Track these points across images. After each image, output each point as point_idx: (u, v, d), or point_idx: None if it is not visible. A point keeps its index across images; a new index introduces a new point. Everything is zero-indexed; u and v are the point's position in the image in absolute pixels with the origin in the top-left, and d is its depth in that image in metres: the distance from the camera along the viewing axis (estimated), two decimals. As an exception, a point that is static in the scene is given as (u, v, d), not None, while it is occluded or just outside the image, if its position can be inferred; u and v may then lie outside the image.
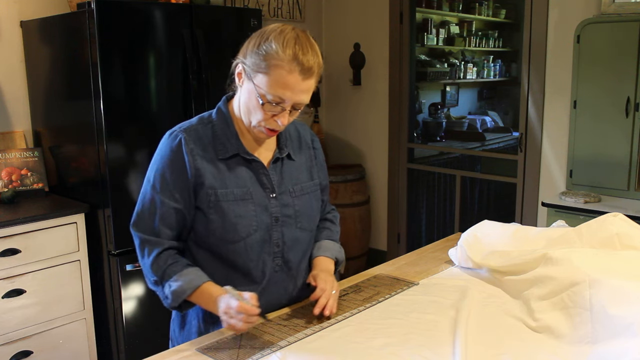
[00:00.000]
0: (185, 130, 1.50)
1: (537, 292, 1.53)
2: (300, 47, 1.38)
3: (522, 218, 3.73)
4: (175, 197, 1.48)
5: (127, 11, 2.70)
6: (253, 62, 1.41)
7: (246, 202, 1.48)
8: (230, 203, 1.47)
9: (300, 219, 1.56)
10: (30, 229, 2.60)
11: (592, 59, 3.15)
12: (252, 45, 1.42)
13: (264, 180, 1.52)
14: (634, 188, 3.09)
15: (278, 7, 4.29)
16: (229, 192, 1.48)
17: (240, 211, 1.47)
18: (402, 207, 4.45)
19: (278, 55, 1.37)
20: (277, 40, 1.38)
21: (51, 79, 3.02)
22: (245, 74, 1.44)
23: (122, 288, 2.79)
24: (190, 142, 1.47)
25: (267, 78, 1.38)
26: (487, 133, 5.52)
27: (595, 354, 1.29)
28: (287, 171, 1.57)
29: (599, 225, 1.70)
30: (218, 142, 1.50)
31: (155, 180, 1.50)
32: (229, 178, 1.49)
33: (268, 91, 1.39)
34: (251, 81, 1.42)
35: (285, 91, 1.38)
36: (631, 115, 3.04)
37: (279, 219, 1.52)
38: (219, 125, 1.52)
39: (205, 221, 1.48)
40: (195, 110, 2.92)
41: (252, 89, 1.42)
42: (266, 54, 1.38)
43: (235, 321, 1.36)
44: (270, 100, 1.40)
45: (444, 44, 5.59)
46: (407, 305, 1.60)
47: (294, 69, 1.37)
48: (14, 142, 3.07)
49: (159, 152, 1.52)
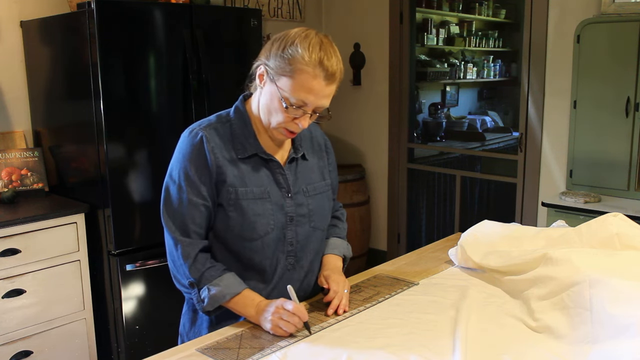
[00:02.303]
0: (205, 128, 1.51)
1: (537, 292, 1.53)
2: (324, 53, 1.40)
3: (522, 218, 3.73)
4: (202, 195, 1.49)
5: (127, 11, 2.70)
6: (277, 65, 1.42)
7: (264, 201, 1.51)
8: (250, 202, 1.49)
9: (314, 218, 1.59)
10: (30, 229, 2.60)
11: (592, 59, 3.15)
12: (276, 48, 1.44)
13: (280, 180, 1.55)
14: (634, 188, 3.09)
15: (278, 7, 4.29)
16: (248, 191, 1.50)
17: (258, 210, 1.50)
18: (402, 207, 4.45)
19: (304, 59, 1.39)
20: (302, 45, 1.40)
21: (51, 79, 3.02)
22: (267, 76, 1.46)
23: (122, 288, 2.79)
24: (211, 140, 1.49)
25: (291, 82, 1.40)
26: (487, 133, 5.51)
27: (595, 354, 1.29)
28: (301, 171, 1.60)
29: (599, 225, 1.70)
30: (237, 142, 1.52)
31: (180, 179, 1.50)
32: (248, 177, 1.51)
33: (292, 94, 1.41)
34: (274, 83, 1.44)
35: (309, 95, 1.41)
36: (631, 115, 3.04)
37: (293, 218, 1.55)
38: (237, 124, 1.54)
39: (224, 218, 1.50)
40: (195, 110, 2.92)
41: (274, 91, 1.44)
42: (292, 57, 1.40)
43: (284, 323, 1.40)
44: (293, 103, 1.42)
45: (444, 44, 5.59)
46: (407, 305, 1.60)
47: (319, 74, 1.40)
48: (14, 142, 3.07)
49: (181, 151, 1.52)
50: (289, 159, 1.58)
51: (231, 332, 1.47)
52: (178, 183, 1.50)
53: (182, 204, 1.49)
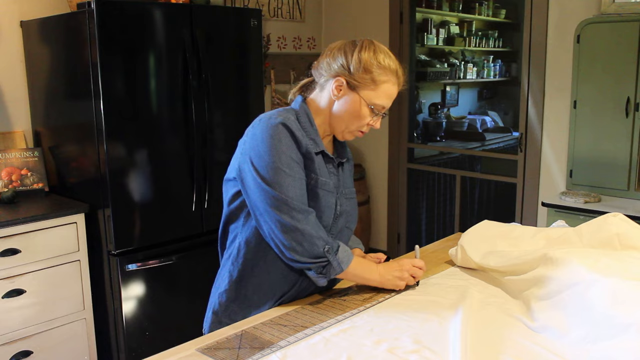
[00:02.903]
0: (285, 117, 1.55)
1: (537, 292, 1.53)
2: (396, 62, 1.60)
3: (522, 218, 3.73)
4: (301, 173, 1.54)
5: (127, 11, 2.70)
6: (362, 77, 1.56)
7: (331, 194, 1.62)
8: (324, 192, 1.59)
9: (349, 219, 1.70)
10: (30, 229, 2.60)
11: (592, 59, 3.15)
12: (357, 61, 1.57)
13: (334, 179, 1.66)
14: (634, 188, 3.09)
15: (278, 7, 4.29)
16: (325, 182, 1.60)
17: (327, 202, 1.60)
18: (402, 207, 4.45)
19: (385, 71, 1.57)
20: (381, 57, 1.58)
21: (51, 79, 3.02)
22: (348, 87, 1.58)
23: (122, 288, 2.79)
24: (295, 129, 1.55)
25: (378, 91, 1.58)
26: (487, 133, 5.52)
27: (595, 354, 1.29)
28: (342, 175, 1.71)
29: (599, 225, 1.70)
30: (308, 137, 1.59)
31: (278, 162, 1.50)
32: (322, 170, 1.60)
33: (376, 102, 1.58)
34: (356, 93, 1.58)
35: (388, 101, 1.61)
36: (631, 115, 3.04)
37: (338, 216, 1.65)
38: (304, 122, 1.61)
39: None
40: (195, 110, 2.93)
41: (358, 100, 1.58)
42: (376, 70, 1.56)
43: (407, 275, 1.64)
44: (378, 110, 1.60)
45: (444, 44, 5.59)
46: (407, 305, 1.60)
47: (396, 82, 1.60)
48: (14, 142, 3.07)
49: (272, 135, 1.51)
50: (337, 163, 1.69)
51: (231, 332, 1.47)
52: (277, 166, 1.50)
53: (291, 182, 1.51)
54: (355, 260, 1.61)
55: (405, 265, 1.65)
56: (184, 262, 2.98)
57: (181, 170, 2.95)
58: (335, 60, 1.59)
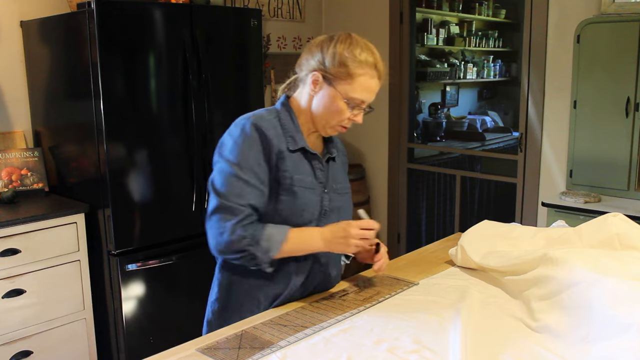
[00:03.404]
0: (262, 116, 1.60)
1: (537, 292, 1.53)
2: (374, 56, 1.58)
3: (522, 218, 3.73)
4: (260, 178, 1.55)
5: (127, 11, 2.70)
6: (337, 71, 1.55)
7: (312, 191, 1.62)
8: (302, 190, 1.59)
9: (342, 215, 1.70)
10: (30, 229, 2.60)
11: (592, 59, 3.15)
12: (331, 55, 1.56)
13: (319, 175, 1.65)
14: (634, 188, 3.09)
15: (278, 7, 4.29)
16: (301, 179, 1.60)
17: (307, 199, 1.60)
18: (402, 207, 4.45)
19: (361, 64, 1.55)
20: (357, 50, 1.55)
21: (51, 79, 3.02)
22: (324, 81, 1.57)
23: (122, 288, 2.79)
24: (270, 128, 1.58)
25: (353, 84, 1.55)
26: (487, 133, 5.52)
27: (595, 354, 1.29)
28: (332, 170, 1.71)
29: (599, 225, 1.70)
30: (287, 135, 1.61)
31: (240, 161, 1.54)
32: (298, 168, 1.60)
33: (353, 96, 1.56)
34: (333, 87, 1.56)
35: (368, 94, 1.58)
36: (631, 115, 3.04)
37: (327, 212, 1.65)
38: (285, 120, 1.63)
39: (275, 201, 1.58)
40: (195, 110, 2.93)
41: (334, 94, 1.57)
42: (352, 62, 1.54)
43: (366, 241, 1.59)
44: (356, 103, 1.58)
45: (444, 44, 5.59)
46: (407, 305, 1.60)
47: (375, 74, 1.58)
48: (14, 142, 3.07)
49: (241, 134, 1.56)
50: (325, 158, 1.68)
51: (231, 332, 1.47)
52: (237, 164, 1.54)
53: (239, 184, 1.53)
54: (292, 236, 1.56)
55: (350, 226, 1.57)
56: (184, 262, 2.98)
57: (181, 170, 2.95)
58: (313, 56, 1.59)
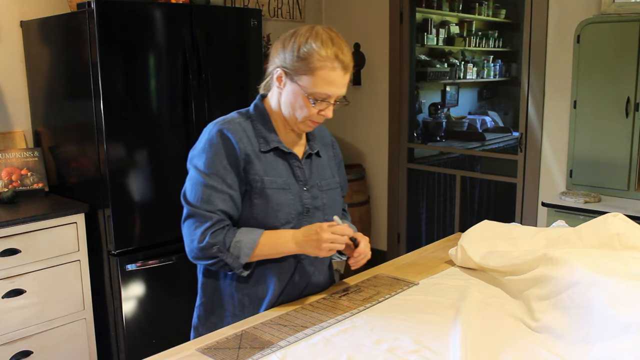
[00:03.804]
0: (229, 122, 1.60)
1: (537, 292, 1.53)
2: (337, 46, 1.52)
3: (522, 218, 3.73)
4: (227, 183, 1.55)
5: (127, 11, 2.70)
6: (296, 66, 1.52)
7: (286, 191, 1.59)
8: (274, 191, 1.57)
9: (327, 212, 1.67)
10: (30, 229, 2.60)
11: (592, 59, 3.15)
12: (290, 50, 1.53)
13: (298, 173, 1.63)
14: (634, 188, 3.09)
15: (278, 7, 4.29)
16: (273, 180, 1.58)
17: (281, 199, 1.58)
18: (402, 207, 4.45)
19: (321, 56, 1.50)
20: (316, 42, 1.51)
21: (51, 79, 3.02)
22: (287, 77, 1.55)
23: (122, 288, 2.79)
24: (237, 133, 1.57)
25: (313, 78, 1.51)
26: (487, 133, 5.52)
27: (595, 354, 1.29)
28: (315, 167, 1.68)
29: (599, 225, 1.70)
30: (259, 135, 1.60)
31: (209, 169, 1.55)
32: (271, 168, 1.59)
33: (315, 90, 1.52)
34: (295, 83, 1.53)
35: (331, 87, 1.53)
36: (631, 115, 3.04)
37: (309, 210, 1.63)
38: (257, 120, 1.62)
39: (249, 206, 1.57)
40: (195, 110, 2.93)
41: (297, 89, 1.54)
42: (309, 56, 1.50)
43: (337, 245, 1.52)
44: (318, 97, 1.53)
45: (444, 44, 5.59)
46: (407, 305, 1.60)
47: (336, 66, 1.51)
48: (14, 142, 3.07)
49: (207, 141, 1.57)
50: (305, 155, 1.66)
51: (231, 332, 1.47)
52: (204, 171, 1.55)
53: (207, 190, 1.54)
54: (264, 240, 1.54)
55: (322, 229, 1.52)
56: (184, 262, 2.96)
57: (181, 170, 2.92)
58: (277, 53, 1.57)
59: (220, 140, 1.55)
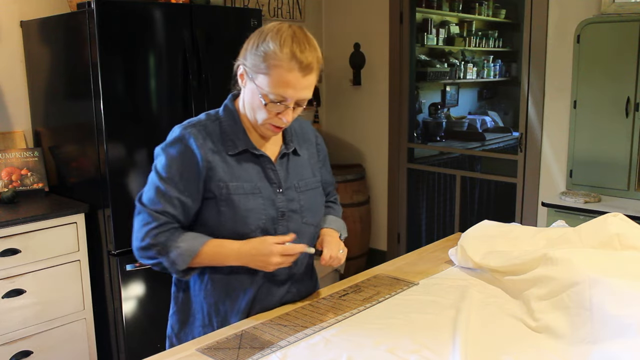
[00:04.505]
0: (194, 125, 1.53)
1: (537, 292, 1.53)
2: (297, 45, 1.41)
3: (522, 218, 3.73)
4: (180, 189, 1.49)
5: (127, 11, 2.70)
6: (253, 64, 1.44)
7: (255, 196, 1.51)
8: (241, 196, 1.50)
9: (306, 214, 1.59)
10: (30, 229, 2.60)
11: (592, 59, 3.15)
12: (251, 47, 1.46)
13: (271, 176, 1.55)
14: (634, 188, 3.09)
15: (278, 7, 4.29)
16: (239, 186, 1.50)
17: (250, 205, 1.50)
18: (402, 207, 4.45)
19: (276, 55, 1.40)
20: (274, 40, 1.41)
21: (51, 79, 3.02)
22: (247, 75, 1.48)
23: (122, 288, 2.79)
24: (199, 137, 1.50)
25: (268, 78, 1.42)
26: (487, 133, 5.52)
27: (595, 354, 1.29)
28: (292, 167, 1.60)
29: (599, 225, 1.70)
30: (227, 138, 1.52)
31: (164, 172, 1.51)
32: (239, 173, 1.52)
33: (270, 91, 1.42)
34: (253, 82, 1.45)
35: (287, 89, 1.42)
36: (631, 115, 3.04)
37: (285, 213, 1.55)
38: (226, 122, 1.55)
39: (216, 214, 1.51)
40: (195, 110, 2.93)
41: (254, 89, 1.45)
42: (265, 54, 1.41)
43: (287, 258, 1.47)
44: (273, 99, 1.43)
45: (444, 44, 5.59)
46: (407, 305, 1.60)
47: (293, 67, 1.40)
48: (14, 142, 3.07)
49: (168, 145, 1.52)
50: (280, 155, 1.58)
51: (231, 332, 1.47)
52: (161, 175, 1.51)
53: (161, 193, 1.50)
54: (206, 250, 1.48)
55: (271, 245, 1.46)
56: (184, 262, 2.97)
57: (181, 170, 2.94)
58: (243, 50, 1.50)
59: (181, 147, 1.49)
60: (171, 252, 1.47)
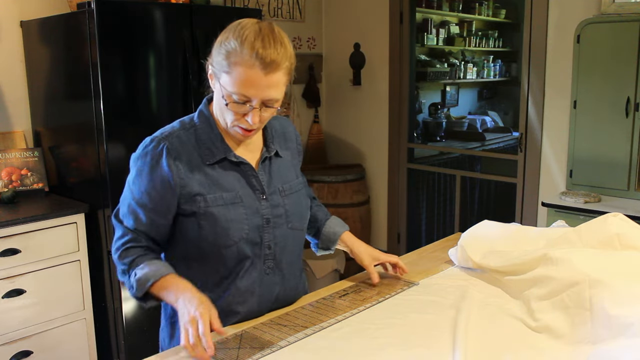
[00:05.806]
0: (167, 137, 1.45)
1: (537, 292, 1.53)
2: (260, 41, 1.32)
3: (522, 218, 3.73)
4: (149, 207, 1.44)
5: (127, 11, 2.70)
6: (217, 62, 1.37)
7: (236, 205, 1.45)
8: (221, 208, 1.43)
9: (291, 219, 1.54)
10: (30, 229, 2.60)
11: (592, 59, 3.15)
12: (217, 44, 1.39)
13: (253, 182, 1.48)
14: (634, 188, 3.09)
15: (278, 7, 4.29)
16: (218, 197, 1.43)
17: (231, 215, 1.43)
18: (402, 207, 4.45)
19: (236, 52, 1.33)
20: (235, 37, 1.34)
21: (51, 79, 3.02)
22: (214, 75, 1.41)
23: (122, 288, 2.79)
24: (173, 151, 1.43)
25: (229, 77, 1.34)
26: (487, 133, 5.52)
27: (595, 354, 1.28)
28: (275, 170, 1.54)
29: (599, 225, 1.70)
30: (203, 147, 1.46)
31: (135, 188, 1.46)
32: (218, 183, 1.44)
33: (232, 90, 1.35)
34: (218, 81, 1.39)
35: (249, 89, 1.34)
36: (631, 115, 3.04)
37: (270, 220, 1.49)
38: (202, 129, 1.48)
39: (196, 228, 1.44)
40: (195, 110, 2.92)
41: (219, 89, 1.39)
42: (226, 52, 1.34)
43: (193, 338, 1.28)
44: (236, 99, 1.36)
45: (444, 44, 5.59)
46: (407, 305, 1.60)
47: (254, 64, 1.32)
48: (14, 142, 3.07)
49: (141, 158, 1.45)
50: (261, 159, 1.51)
51: (231, 332, 1.47)
52: (131, 188, 1.47)
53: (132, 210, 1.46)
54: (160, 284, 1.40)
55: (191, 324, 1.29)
56: (184, 262, 2.97)
57: (181, 170, 2.94)
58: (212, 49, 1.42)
59: (152, 163, 1.42)
60: (132, 277, 1.44)
